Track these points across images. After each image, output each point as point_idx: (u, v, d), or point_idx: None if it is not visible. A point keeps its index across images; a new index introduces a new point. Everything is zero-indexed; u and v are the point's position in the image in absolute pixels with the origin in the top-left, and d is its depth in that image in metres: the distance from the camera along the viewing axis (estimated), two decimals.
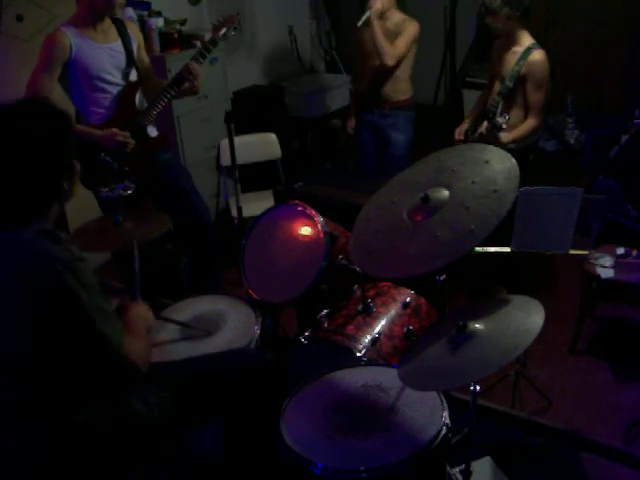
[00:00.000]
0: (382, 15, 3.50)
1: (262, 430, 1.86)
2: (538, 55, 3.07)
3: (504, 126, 3.02)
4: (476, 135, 3.17)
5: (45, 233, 1.52)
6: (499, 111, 3.15)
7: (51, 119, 1.54)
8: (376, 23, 3.45)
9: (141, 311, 1.83)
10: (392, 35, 3.51)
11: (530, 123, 3.15)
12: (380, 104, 3.68)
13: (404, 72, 3.61)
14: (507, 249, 2.51)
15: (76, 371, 1.54)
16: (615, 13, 4.77)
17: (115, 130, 2.85)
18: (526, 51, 3.07)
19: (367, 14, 3.42)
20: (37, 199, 1.53)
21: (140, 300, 1.91)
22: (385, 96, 3.64)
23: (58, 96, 2.84)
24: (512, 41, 3.14)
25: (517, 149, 3.12)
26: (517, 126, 3.14)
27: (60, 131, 1.55)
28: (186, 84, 2.95)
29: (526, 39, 3.11)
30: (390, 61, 3.49)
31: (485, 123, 3.11)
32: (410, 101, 3.72)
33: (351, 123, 3.89)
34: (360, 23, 3.46)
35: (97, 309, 1.51)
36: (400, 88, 3.64)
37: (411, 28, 3.51)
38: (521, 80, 3.09)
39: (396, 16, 3.56)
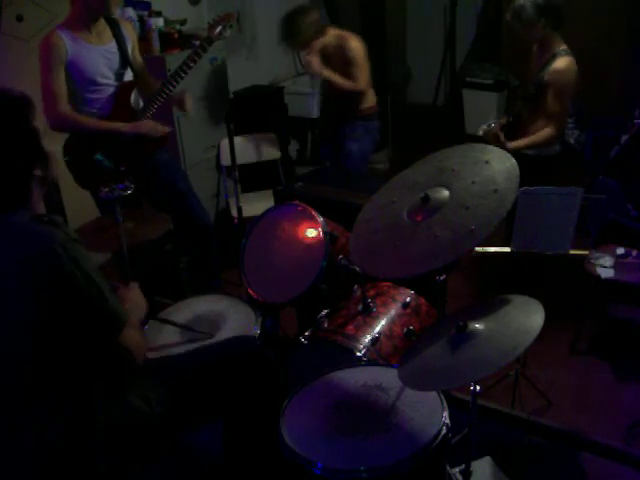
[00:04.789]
0: (324, 50, 3.55)
1: (262, 430, 1.86)
2: (561, 63, 3.02)
3: (480, 132, 3.07)
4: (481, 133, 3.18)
5: (39, 217, 1.52)
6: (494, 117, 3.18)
7: (7, 104, 1.51)
8: (326, 72, 3.52)
9: (134, 300, 1.83)
10: (337, 59, 3.56)
11: (546, 132, 3.09)
12: (347, 113, 3.71)
13: (365, 77, 3.61)
14: (507, 249, 2.52)
15: (76, 360, 1.55)
16: (615, 13, 4.77)
17: (142, 123, 2.90)
18: (552, 57, 3.05)
19: (315, 77, 3.68)
20: (8, 188, 1.50)
21: (132, 282, 1.91)
22: (350, 106, 3.68)
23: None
24: (544, 47, 3.13)
25: (534, 157, 3.13)
26: (536, 133, 3.12)
27: (19, 116, 1.51)
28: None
29: (557, 45, 3.08)
30: (361, 90, 3.59)
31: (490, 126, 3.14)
32: (372, 109, 3.74)
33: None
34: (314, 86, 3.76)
35: (96, 288, 1.51)
36: (358, 99, 3.67)
37: (353, 51, 3.54)
38: (543, 87, 3.06)
39: (331, 39, 3.58)
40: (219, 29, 3.01)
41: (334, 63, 3.56)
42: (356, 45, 3.53)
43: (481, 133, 3.09)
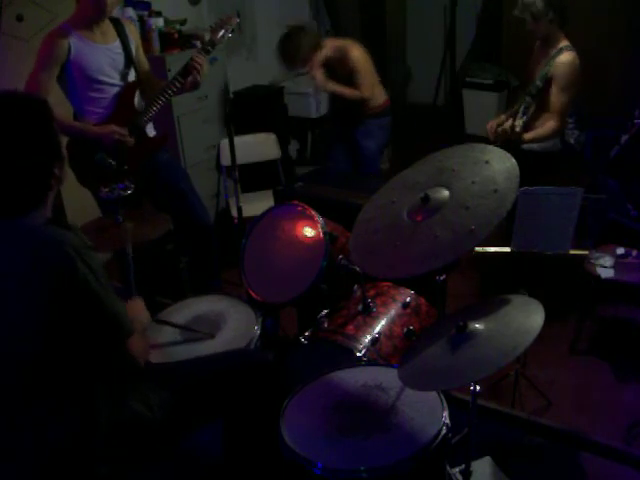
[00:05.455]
0: (325, 61, 3.60)
1: (262, 430, 1.86)
2: (565, 57, 3.09)
3: (517, 129, 3.11)
4: (499, 130, 3.20)
5: (54, 221, 1.55)
6: (521, 112, 3.20)
7: (32, 106, 1.55)
8: (333, 88, 3.61)
9: (137, 311, 1.84)
10: (342, 68, 3.61)
11: (550, 125, 3.16)
12: (359, 115, 3.75)
13: (369, 83, 3.67)
14: (507, 249, 2.51)
15: (78, 363, 1.55)
16: (615, 13, 4.77)
17: (113, 127, 2.84)
18: (557, 52, 3.11)
19: (319, 92, 3.66)
20: (32, 188, 1.54)
21: (136, 297, 1.92)
22: (361, 107, 3.72)
23: (56, 96, 2.85)
24: (550, 43, 3.19)
25: (540, 152, 3.16)
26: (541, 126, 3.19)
27: (44, 118, 1.55)
28: (190, 77, 2.94)
29: (561, 41, 3.15)
30: (368, 98, 3.64)
31: (509, 122, 3.18)
32: (384, 105, 3.80)
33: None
34: (317, 94, 3.68)
35: (108, 293, 1.54)
36: (373, 96, 3.72)
37: (354, 59, 3.60)
38: (548, 80, 3.13)
39: (331, 51, 3.63)
40: (222, 32, 3.01)
41: (339, 74, 3.63)
42: (357, 54, 3.61)
43: (518, 130, 3.13)
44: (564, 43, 3.14)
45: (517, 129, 3.13)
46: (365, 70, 3.62)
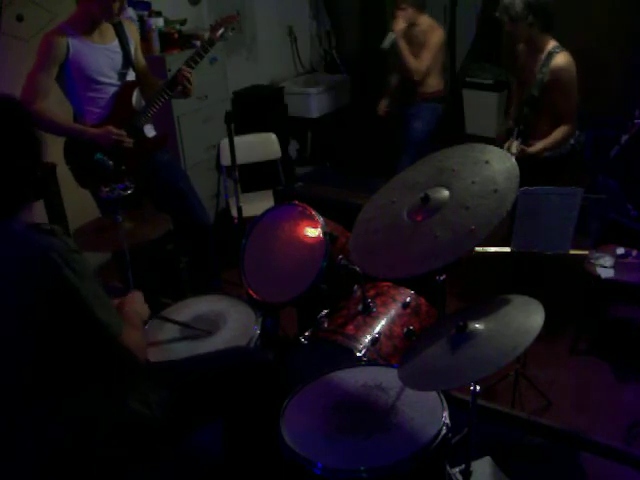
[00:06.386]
0: (411, 25, 3.79)
1: (262, 430, 1.86)
2: (561, 59, 2.97)
3: (513, 150, 3.00)
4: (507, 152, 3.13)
5: (39, 226, 1.54)
6: (514, 136, 3.11)
7: (10, 109, 1.54)
8: (401, 44, 3.77)
9: (137, 305, 1.85)
10: (418, 43, 3.81)
11: (562, 130, 3.06)
12: (411, 97, 3.97)
13: (433, 70, 3.89)
14: (507, 249, 2.51)
15: (76, 362, 1.55)
16: (615, 13, 4.77)
17: (110, 128, 2.84)
18: (548, 56, 2.99)
19: (392, 37, 3.74)
20: (19, 189, 1.53)
21: (134, 291, 1.92)
22: (415, 89, 3.93)
23: (55, 95, 2.85)
24: (534, 47, 3.07)
25: (552, 158, 3.10)
26: (548, 134, 3.08)
27: (23, 119, 1.55)
28: (179, 87, 2.95)
29: (548, 43, 3.02)
30: (417, 77, 3.83)
31: (514, 144, 3.08)
32: (437, 93, 4.00)
33: (383, 105, 4.20)
34: (385, 45, 3.76)
35: (94, 298, 1.53)
36: (428, 82, 3.92)
37: (435, 38, 3.82)
38: (546, 87, 3.01)
39: (423, 23, 3.84)
40: (221, 31, 3.01)
41: (415, 46, 3.81)
42: (439, 35, 3.84)
43: (514, 151, 3.01)
44: (552, 44, 3.01)
45: (513, 150, 3.01)
46: (433, 51, 3.81)
